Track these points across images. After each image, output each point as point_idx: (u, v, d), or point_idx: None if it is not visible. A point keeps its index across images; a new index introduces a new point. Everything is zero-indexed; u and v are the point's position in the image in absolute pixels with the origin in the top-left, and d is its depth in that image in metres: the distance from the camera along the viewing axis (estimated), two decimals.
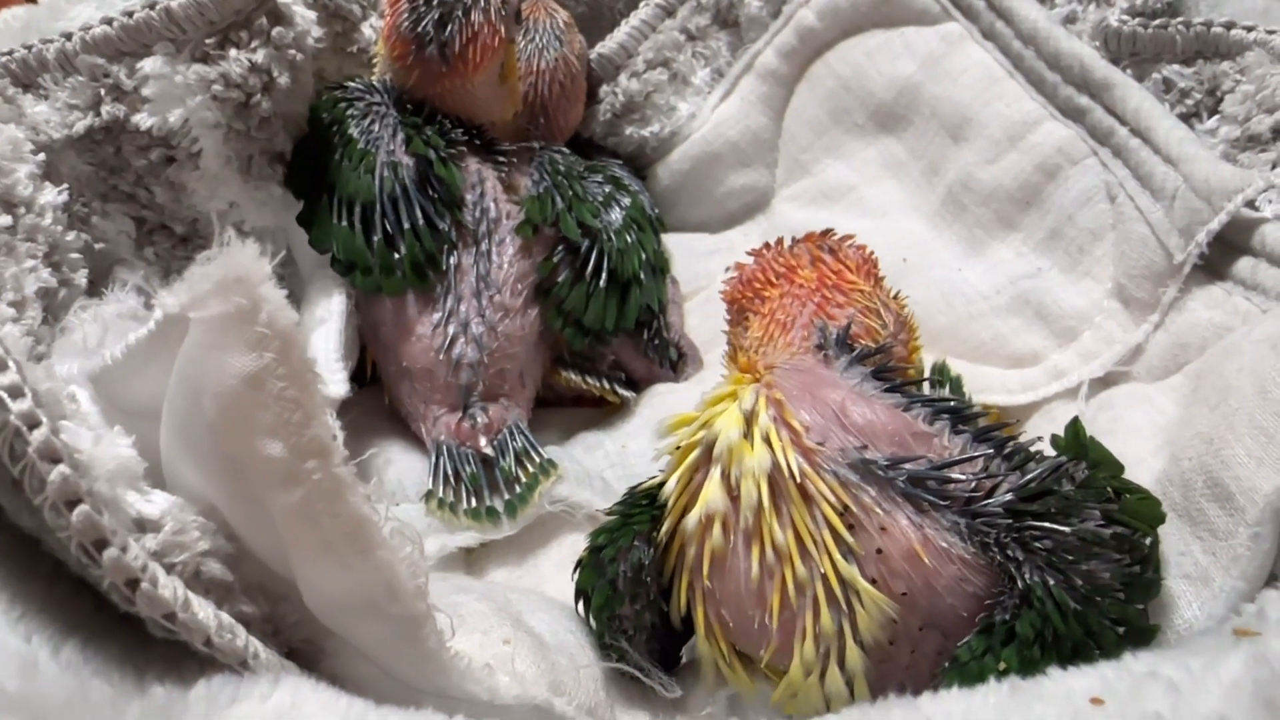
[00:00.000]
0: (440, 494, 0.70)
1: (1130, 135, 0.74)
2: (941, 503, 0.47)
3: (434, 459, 0.72)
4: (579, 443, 0.77)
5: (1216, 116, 0.76)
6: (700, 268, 0.93)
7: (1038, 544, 0.46)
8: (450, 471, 0.71)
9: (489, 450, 0.72)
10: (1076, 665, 0.38)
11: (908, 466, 0.47)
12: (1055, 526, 0.46)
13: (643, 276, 0.80)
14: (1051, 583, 0.45)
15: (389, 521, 0.38)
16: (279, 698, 0.36)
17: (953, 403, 0.51)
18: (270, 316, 0.34)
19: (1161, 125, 0.72)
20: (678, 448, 0.52)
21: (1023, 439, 0.52)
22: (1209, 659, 0.36)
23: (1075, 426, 0.54)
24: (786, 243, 0.61)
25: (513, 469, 0.71)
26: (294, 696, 0.36)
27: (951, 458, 0.48)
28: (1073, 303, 0.76)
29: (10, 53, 0.64)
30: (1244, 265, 0.67)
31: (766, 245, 0.61)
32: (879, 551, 0.47)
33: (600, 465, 0.75)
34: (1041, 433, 0.55)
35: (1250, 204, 0.69)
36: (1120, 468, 0.54)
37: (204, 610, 0.36)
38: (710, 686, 0.52)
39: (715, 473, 0.49)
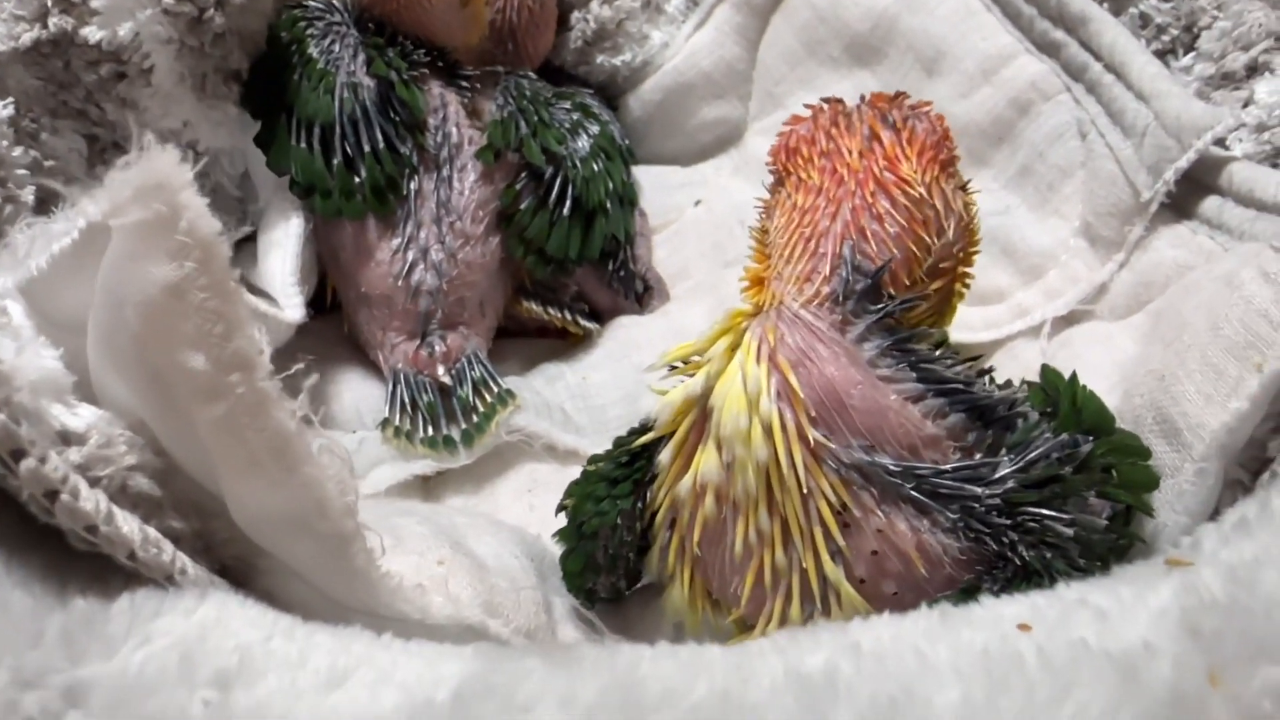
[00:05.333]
0: (397, 422, 0.69)
1: (1104, 71, 0.73)
2: (943, 506, 0.45)
3: (391, 387, 0.71)
4: (540, 374, 0.76)
5: (1192, 54, 0.75)
6: (670, 201, 0.92)
7: (1035, 529, 0.45)
8: (407, 400, 0.70)
9: (446, 379, 0.71)
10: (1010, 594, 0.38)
11: (917, 474, 0.45)
12: (1055, 521, 0.45)
13: (609, 206, 0.79)
14: (1049, 555, 0.45)
15: (318, 438, 0.38)
16: (204, 612, 0.36)
17: (970, 394, 0.47)
18: (191, 224, 0.33)
19: (1135, 61, 0.71)
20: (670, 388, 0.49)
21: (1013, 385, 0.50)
22: (1140, 588, 0.36)
23: (1074, 387, 0.52)
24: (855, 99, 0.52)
25: (470, 398, 0.70)
26: (220, 611, 0.36)
27: (961, 462, 0.46)
28: (1039, 241, 0.75)
29: None
30: (1211, 204, 0.67)
31: (829, 102, 0.52)
32: (874, 553, 0.45)
33: (561, 397, 0.74)
34: (1003, 370, 0.54)
35: (1220, 142, 0.68)
36: (1112, 420, 0.52)
37: (128, 524, 0.36)
38: (668, 619, 0.52)
39: (712, 442, 0.47)
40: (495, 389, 0.71)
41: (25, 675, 0.33)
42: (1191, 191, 0.68)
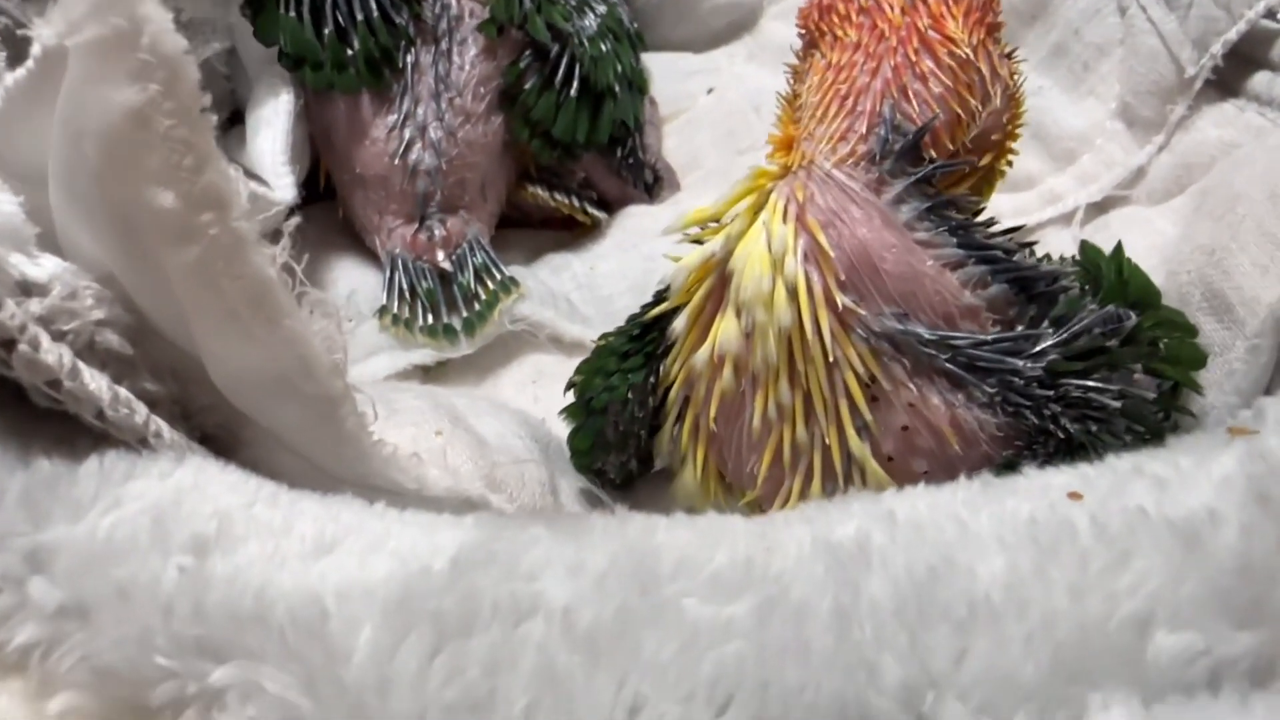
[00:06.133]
0: (395, 310, 0.66)
1: None
2: (980, 380, 0.42)
3: (388, 273, 0.68)
4: (545, 264, 0.73)
5: None
6: (681, 89, 0.88)
7: (1079, 400, 0.42)
8: (405, 286, 0.67)
9: (447, 265, 0.68)
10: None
11: (953, 344, 0.42)
12: (1100, 392, 0.42)
13: (618, 90, 0.75)
14: (1094, 429, 0.42)
15: (306, 292, 0.34)
16: (181, 476, 0.33)
17: (1012, 263, 0.43)
18: (154, 40, 0.29)
19: None
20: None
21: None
22: (1200, 456, 0.33)
23: (1119, 257, 0.48)
24: None
25: (471, 285, 0.67)
26: (198, 476, 0.33)
27: (1000, 334, 0.42)
28: (1073, 123, 0.71)
29: None
30: (1260, 80, 0.63)
31: None
32: (904, 429, 0.42)
33: (567, 286, 0.71)
34: None
35: (1271, 14, 0.63)
36: (1158, 294, 0.49)
37: (96, 381, 0.33)
38: (679, 505, 0.50)
39: (731, 309, 0.43)
40: (498, 276, 0.67)
41: None
42: (1239, 66, 0.63)
